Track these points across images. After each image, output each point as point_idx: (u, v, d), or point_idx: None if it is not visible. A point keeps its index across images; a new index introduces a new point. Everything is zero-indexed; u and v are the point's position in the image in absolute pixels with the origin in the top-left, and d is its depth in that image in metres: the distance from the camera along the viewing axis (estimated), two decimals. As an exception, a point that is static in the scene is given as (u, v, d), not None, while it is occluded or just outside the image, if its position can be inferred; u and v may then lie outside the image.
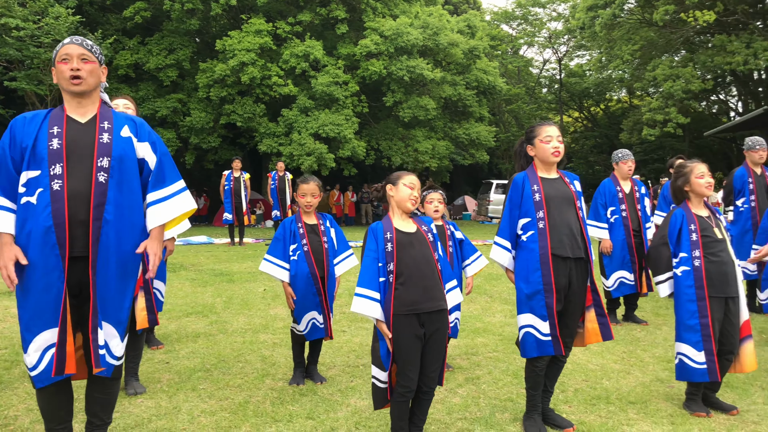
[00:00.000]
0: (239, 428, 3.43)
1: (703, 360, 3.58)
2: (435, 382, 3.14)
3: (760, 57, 19.66)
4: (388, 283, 3.02)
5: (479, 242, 14.68)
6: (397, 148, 20.84)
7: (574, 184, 3.49)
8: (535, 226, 3.33)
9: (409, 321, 2.99)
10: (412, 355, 3.00)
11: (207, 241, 14.13)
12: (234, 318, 6.23)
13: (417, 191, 3.16)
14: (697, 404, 3.69)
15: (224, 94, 18.92)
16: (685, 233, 3.69)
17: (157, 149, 2.86)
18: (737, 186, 6.20)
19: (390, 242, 3.06)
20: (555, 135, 3.40)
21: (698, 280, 3.61)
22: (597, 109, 35.14)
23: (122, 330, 2.75)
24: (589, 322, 3.43)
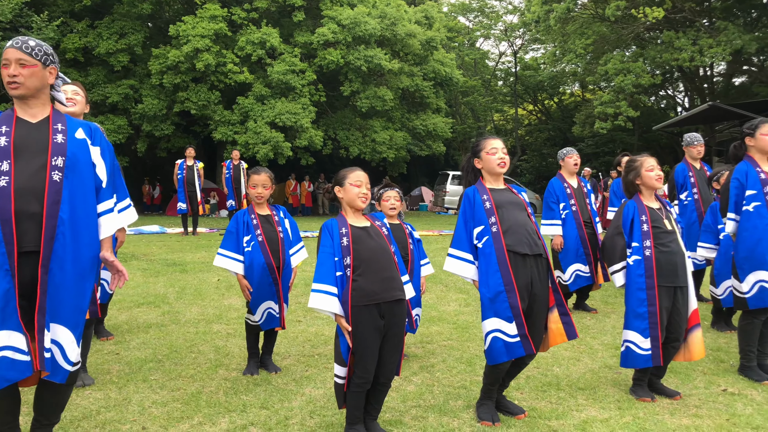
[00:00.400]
0: (191, 419, 3.39)
1: (649, 346, 3.70)
2: (393, 373, 3.16)
3: (705, 54, 20.31)
4: (346, 276, 3.02)
5: (436, 233, 14.81)
6: (355, 138, 20.79)
7: (522, 194, 3.57)
8: (489, 232, 3.36)
9: (368, 312, 3.00)
10: (371, 346, 3.02)
11: (159, 230, 13.85)
12: (187, 308, 6.13)
13: (365, 187, 3.15)
14: (643, 390, 3.82)
15: (178, 81, 18.51)
16: (637, 224, 3.79)
17: (108, 157, 2.84)
18: (679, 180, 6.42)
19: (345, 237, 3.06)
20: (500, 147, 3.48)
21: (648, 270, 3.72)
22: (551, 103, 35.75)
23: (79, 334, 2.67)
24: (553, 323, 3.45)
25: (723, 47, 19.94)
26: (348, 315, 3.00)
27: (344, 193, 3.17)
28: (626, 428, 3.32)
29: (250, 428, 3.28)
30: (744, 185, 4.16)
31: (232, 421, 3.36)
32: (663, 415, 3.52)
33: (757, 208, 4.08)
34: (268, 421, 3.36)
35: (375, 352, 3.04)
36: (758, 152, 4.23)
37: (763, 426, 3.35)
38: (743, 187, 4.16)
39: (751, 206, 4.10)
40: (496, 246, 3.33)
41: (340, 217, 3.19)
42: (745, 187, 4.15)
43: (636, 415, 3.51)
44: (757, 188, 4.11)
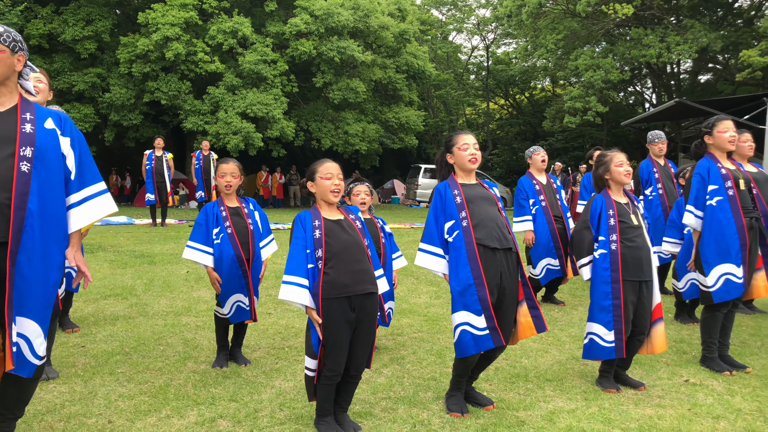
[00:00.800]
0: (159, 412, 3.35)
1: (612, 339, 3.76)
2: (363, 366, 3.17)
3: (672, 51, 20.68)
4: (317, 269, 3.01)
5: (407, 225, 14.85)
6: (327, 130, 20.70)
7: (493, 189, 3.60)
8: (459, 226, 3.38)
9: (339, 305, 3.00)
10: (342, 339, 3.02)
11: (127, 221, 13.62)
12: (155, 300, 6.05)
13: (337, 179, 3.13)
14: (609, 381, 3.89)
15: (147, 70, 18.16)
16: (604, 218, 3.85)
17: (77, 146, 2.76)
18: (644, 176, 6.55)
19: (318, 229, 3.06)
20: (472, 143, 3.51)
21: (613, 263, 3.78)
22: (522, 97, 36.05)
23: (46, 327, 2.62)
24: (522, 317, 3.48)
25: (689, 45, 20.33)
26: (319, 307, 2.99)
27: (316, 187, 3.16)
28: (592, 418, 3.38)
29: (218, 421, 3.26)
30: (706, 180, 4.25)
31: (200, 414, 3.34)
32: (627, 405, 3.60)
33: (720, 203, 4.17)
34: (237, 414, 3.34)
35: (345, 344, 3.04)
36: (717, 150, 4.34)
37: (723, 415, 3.45)
38: (705, 182, 4.26)
39: (714, 201, 4.20)
40: (466, 240, 3.35)
41: (313, 209, 3.18)
42: (707, 183, 4.24)
43: (601, 405, 3.58)
44: (718, 183, 4.21)
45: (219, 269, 4.02)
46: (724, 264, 4.15)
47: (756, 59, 17.96)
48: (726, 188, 4.18)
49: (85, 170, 2.78)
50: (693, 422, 3.35)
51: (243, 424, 3.23)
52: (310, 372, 3.09)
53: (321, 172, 3.14)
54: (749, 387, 3.92)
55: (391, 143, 23.90)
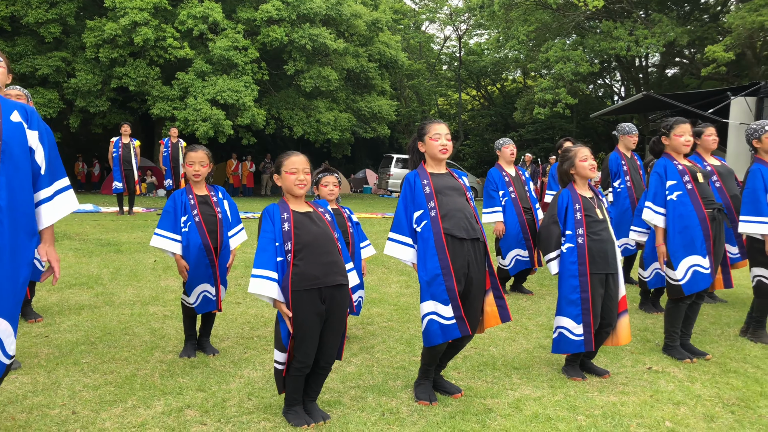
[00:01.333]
0: (125, 402, 3.31)
1: (581, 332, 3.81)
2: (333, 357, 3.17)
3: (641, 44, 20.99)
4: (286, 262, 3.00)
5: (379, 215, 14.86)
6: (299, 119, 20.55)
7: (462, 179, 3.61)
8: (428, 216, 3.39)
9: (309, 297, 2.99)
10: (312, 332, 3.01)
11: (93, 209, 13.37)
12: (122, 290, 5.96)
13: (302, 173, 3.12)
14: (575, 369, 3.96)
15: (115, 56, 17.77)
16: (571, 212, 3.89)
17: (45, 140, 2.69)
18: (613, 169, 6.63)
19: (287, 222, 3.04)
20: (444, 133, 3.49)
21: (581, 257, 3.83)
22: (493, 88, 36.26)
23: (16, 324, 2.56)
24: (488, 306, 3.52)
25: (657, 38, 20.65)
26: (288, 300, 2.98)
27: (282, 181, 3.16)
28: (558, 406, 3.44)
29: (186, 411, 3.23)
30: (663, 177, 4.35)
31: (167, 403, 3.31)
32: (592, 392, 3.67)
33: (680, 197, 4.28)
34: (205, 404, 3.32)
35: (315, 337, 3.04)
36: (673, 151, 4.44)
37: (684, 401, 3.54)
38: (662, 179, 4.35)
39: (674, 195, 4.30)
40: (434, 230, 3.36)
41: (281, 201, 3.16)
42: (665, 179, 4.34)
43: (567, 393, 3.64)
44: (676, 178, 4.31)
45: (186, 258, 3.97)
46: (691, 256, 4.23)
47: (720, 54, 18.33)
48: (684, 182, 4.29)
49: (55, 165, 2.73)
50: (654, 408, 3.43)
51: (211, 413, 3.21)
52: (279, 365, 3.08)
53: (286, 166, 3.13)
54: (709, 374, 4.03)
55: (363, 132, 23.84)
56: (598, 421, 3.24)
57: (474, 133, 34.70)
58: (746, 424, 3.25)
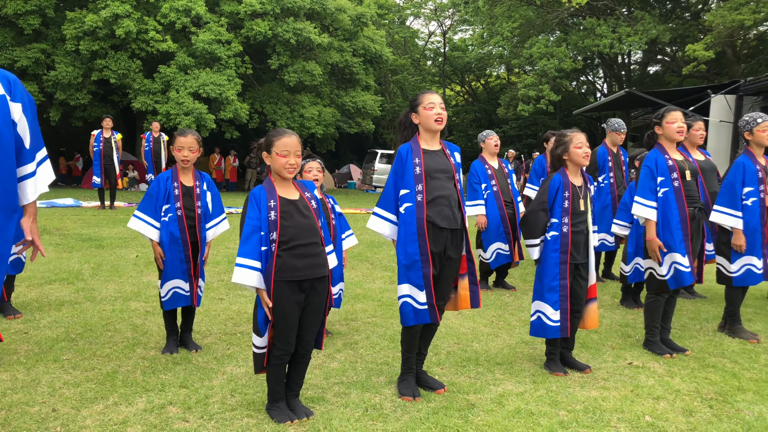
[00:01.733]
0: (106, 399, 3.28)
1: (558, 318, 3.89)
2: (311, 345, 3.17)
3: (624, 42, 21.15)
4: (270, 252, 2.98)
5: (363, 210, 14.86)
6: (282, 113, 20.44)
7: (454, 156, 3.56)
8: (413, 199, 3.37)
9: (290, 287, 2.99)
10: (291, 320, 3.01)
11: (74, 204, 13.22)
12: (103, 285, 5.90)
13: (294, 156, 3.04)
14: (556, 364, 3.99)
15: (96, 48, 17.52)
16: (559, 200, 3.89)
17: (29, 112, 2.58)
18: (599, 163, 6.66)
19: (273, 210, 2.99)
20: (438, 102, 3.43)
21: (563, 246, 3.87)
22: (477, 84, 36.34)
23: None
24: (462, 289, 3.59)
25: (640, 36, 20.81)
26: (270, 289, 2.97)
27: (271, 161, 3.07)
28: (540, 401, 3.47)
29: (168, 408, 3.21)
30: (654, 171, 4.36)
31: (149, 400, 3.28)
32: (574, 387, 3.70)
33: (665, 194, 4.29)
34: (188, 400, 3.30)
35: (294, 325, 3.04)
36: (666, 140, 4.45)
37: (663, 396, 3.59)
38: (653, 173, 4.36)
39: (660, 192, 4.31)
40: (418, 216, 3.36)
41: (268, 184, 3.08)
42: (656, 174, 4.35)
43: (549, 388, 3.68)
44: (665, 175, 4.32)
45: (162, 249, 3.96)
46: (671, 253, 4.28)
47: (701, 53, 18.53)
48: (672, 179, 4.30)
49: (37, 138, 2.65)
50: (635, 403, 3.47)
51: (193, 410, 3.19)
52: (257, 349, 3.09)
53: (277, 147, 3.04)
54: (688, 369, 4.09)
55: (347, 127, 23.78)
56: (580, 416, 3.27)
57: (458, 129, 34.77)
58: (724, 419, 3.30)
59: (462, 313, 5.37)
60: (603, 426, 3.17)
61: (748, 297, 6.30)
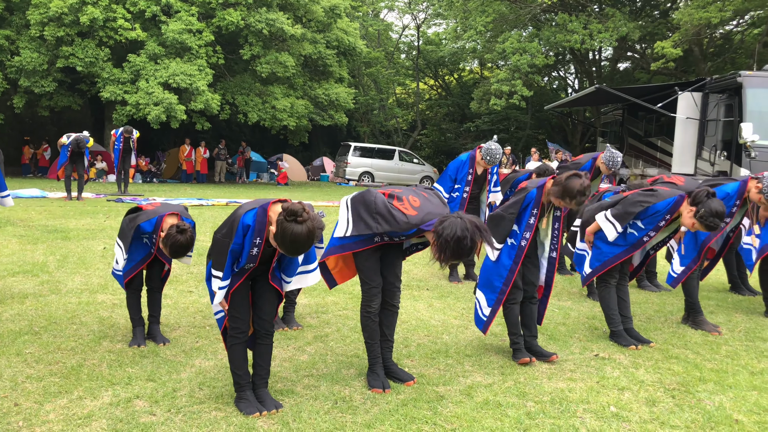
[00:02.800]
0: (70, 393, 3.22)
1: (488, 314, 4.07)
2: (272, 325, 3.22)
3: (594, 38, 21.42)
4: (243, 270, 3.08)
5: (336, 204, 14.81)
6: (254, 104, 20.24)
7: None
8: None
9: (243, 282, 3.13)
10: (241, 299, 3.12)
11: (39, 194, 12.93)
12: (69, 277, 5.79)
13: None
14: (521, 352, 4.06)
15: (61, 35, 17.13)
16: (527, 215, 3.95)
17: None
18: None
19: (257, 248, 3.00)
20: None
21: (518, 257, 3.97)
22: (451, 78, 36.44)
23: None
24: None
25: (610, 33, 21.09)
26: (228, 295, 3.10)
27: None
28: (508, 392, 3.51)
29: (135, 401, 3.17)
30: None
31: (115, 394, 3.24)
32: (541, 379, 3.75)
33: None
34: (155, 394, 3.26)
35: (246, 303, 3.14)
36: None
37: (628, 387, 3.66)
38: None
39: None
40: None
41: (261, 218, 2.95)
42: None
43: (517, 380, 3.72)
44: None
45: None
46: None
47: (669, 50, 18.85)
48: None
49: None
50: (600, 394, 3.53)
51: (160, 404, 3.15)
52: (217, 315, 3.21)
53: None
54: (652, 360, 4.17)
55: (320, 120, 23.65)
56: (547, 407, 3.32)
57: (431, 122, 34.86)
58: (685, 408, 3.38)
59: (432, 305, 5.40)
60: (569, 416, 3.22)
61: (710, 290, 6.45)
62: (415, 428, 3.01)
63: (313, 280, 3.28)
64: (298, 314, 4.90)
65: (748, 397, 3.55)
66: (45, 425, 2.88)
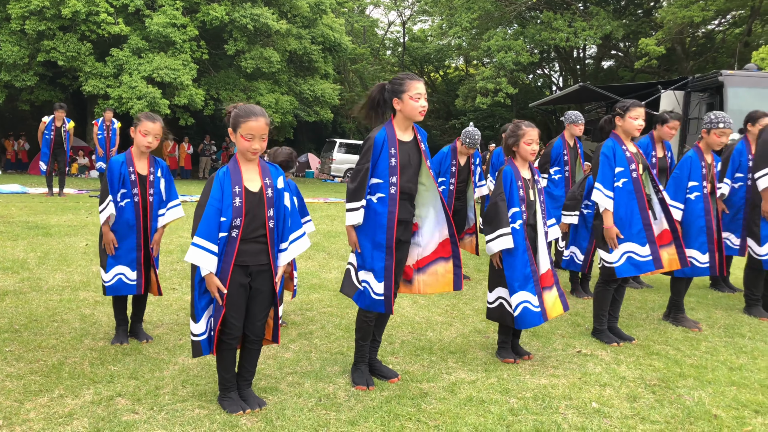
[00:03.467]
0: (51, 391, 3.19)
1: (538, 303, 3.88)
2: (262, 331, 3.15)
3: (579, 36, 21.55)
4: (231, 237, 2.94)
5: (321, 200, 14.78)
6: (239, 100, 20.09)
7: (425, 142, 3.56)
8: (386, 190, 3.35)
9: (236, 270, 2.98)
10: (237, 302, 3.01)
11: (20, 190, 12.77)
12: (50, 275, 5.73)
13: (258, 142, 2.95)
14: (507, 351, 4.07)
15: (43, 28, 16.88)
16: (515, 189, 3.91)
17: None
18: (553, 156, 6.74)
19: (239, 197, 2.94)
20: (423, 93, 3.35)
21: (528, 233, 3.95)
22: (436, 75, 36.49)
23: None
24: (447, 272, 3.58)
25: (595, 31, 21.22)
26: (228, 276, 2.94)
27: (235, 140, 2.99)
28: (491, 389, 3.53)
29: (117, 399, 3.15)
30: (612, 160, 4.37)
31: (97, 392, 3.21)
32: (524, 375, 3.78)
33: (626, 185, 4.35)
34: (137, 392, 3.24)
35: (242, 307, 3.03)
36: (623, 132, 4.50)
37: (610, 383, 3.70)
38: (611, 162, 4.37)
39: (620, 182, 4.36)
40: (390, 209, 3.35)
41: (234, 166, 3.00)
42: (614, 164, 4.36)
43: (500, 376, 3.75)
44: (624, 165, 4.36)
45: (114, 232, 3.89)
46: (628, 242, 4.34)
47: (652, 48, 19.01)
48: (630, 170, 4.35)
49: None
50: (582, 390, 3.57)
51: (143, 402, 3.14)
52: (194, 337, 3.05)
53: (243, 129, 2.94)
54: (633, 356, 4.22)
55: (305, 116, 23.55)
56: (529, 404, 3.35)
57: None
58: (666, 404, 3.43)
59: (417, 302, 5.41)
60: (551, 413, 3.25)
61: (691, 287, 6.53)
62: (399, 425, 3.02)
63: (306, 244, 3.21)
64: (283, 311, 4.88)
65: (726, 393, 3.61)
66: (25, 424, 2.85)
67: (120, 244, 3.88)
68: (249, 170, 3.03)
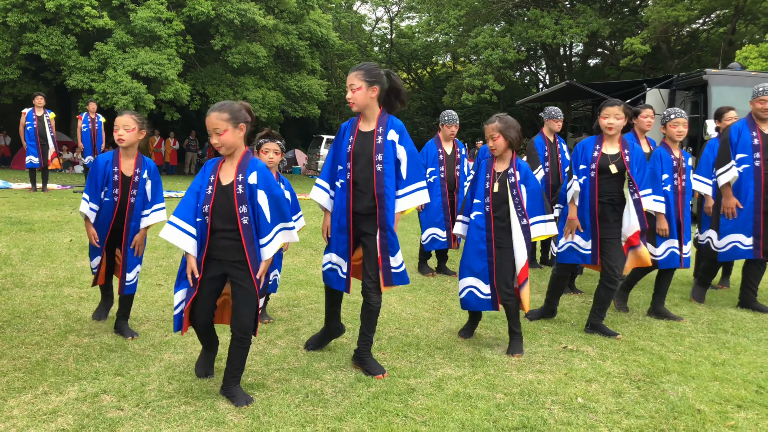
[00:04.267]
0: (35, 388, 3.16)
1: (488, 292, 4.17)
2: (249, 328, 3.13)
3: (566, 33, 21.66)
4: (203, 224, 3.06)
5: (308, 196, 14.73)
6: (225, 95, 20.01)
7: (385, 135, 3.55)
8: (345, 177, 3.59)
9: (210, 262, 3.10)
10: (204, 292, 3.13)
11: (3, 185, 12.61)
12: (33, 270, 5.67)
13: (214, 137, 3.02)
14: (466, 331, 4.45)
15: (25, 21, 16.68)
16: (482, 181, 4.17)
17: None
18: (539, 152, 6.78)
19: (211, 186, 3.05)
20: (349, 84, 3.55)
21: (487, 223, 4.11)
22: (424, 72, 36.50)
23: None
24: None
25: (581, 29, 21.33)
26: (201, 261, 3.07)
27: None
28: (478, 384, 3.55)
29: (102, 396, 3.12)
30: (579, 157, 4.63)
31: (82, 389, 3.18)
32: (511, 371, 3.80)
33: (584, 182, 4.60)
34: (123, 388, 3.22)
35: (209, 299, 3.16)
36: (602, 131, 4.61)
37: (595, 378, 3.73)
38: (578, 159, 4.64)
39: (581, 179, 4.61)
40: (347, 195, 3.59)
41: (221, 158, 3.15)
42: (580, 160, 4.63)
43: (487, 372, 3.76)
44: (586, 164, 4.60)
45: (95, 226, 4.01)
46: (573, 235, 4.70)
47: (638, 47, 19.15)
48: (590, 170, 4.57)
49: None
50: (568, 385, 3.59)
51: (128, 398, 3.11)
52: (174, 309, 3.21)
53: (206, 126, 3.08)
54: (619, 352, 4.25)
55: (292, 111, 23.49)
56: (516, 399, 3.36)
57: (404, 116, 34.78)
58: (650, 399, 3.46)
59: (404, 298, 5.42)
60: (538, 408, 3.27)
61: (675, 283, 6.59)
62: (386, 421, 3.03)
63: (295, 236, 3.21)
64: (270, 307, 4.87)
65: (710, 388, 3.65)
66: (9, 421, 2.82)
67: (100, 241, 4.02)
68: (227, 164, 3.14)
